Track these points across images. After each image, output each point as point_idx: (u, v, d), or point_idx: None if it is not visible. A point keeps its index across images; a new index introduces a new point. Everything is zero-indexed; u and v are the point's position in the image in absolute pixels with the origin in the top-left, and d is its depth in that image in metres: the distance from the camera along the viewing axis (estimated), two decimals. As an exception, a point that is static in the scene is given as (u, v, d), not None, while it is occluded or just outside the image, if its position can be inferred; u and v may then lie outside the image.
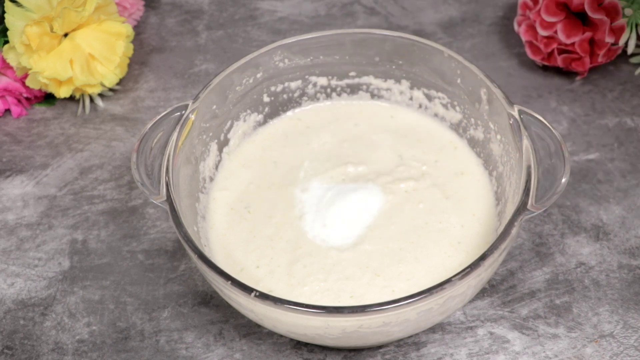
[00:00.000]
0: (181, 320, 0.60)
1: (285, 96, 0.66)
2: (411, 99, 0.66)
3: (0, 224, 0.67)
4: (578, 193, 0.66)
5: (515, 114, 0.56)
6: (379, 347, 0.58)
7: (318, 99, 0.67)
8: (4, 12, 0.70)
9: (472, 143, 0.63)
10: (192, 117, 0.58)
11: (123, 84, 0.78)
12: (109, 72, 0.73)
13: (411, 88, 0.65)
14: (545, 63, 0.75)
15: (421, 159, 0.63)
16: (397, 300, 0.47)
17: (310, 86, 0.66)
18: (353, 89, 0.67)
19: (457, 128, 0.64)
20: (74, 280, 0.63)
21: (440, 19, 0.84)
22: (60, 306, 0.61)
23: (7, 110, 0.77)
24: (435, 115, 0.65)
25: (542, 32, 0.73)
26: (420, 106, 0.66)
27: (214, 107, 0.61)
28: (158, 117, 0.57)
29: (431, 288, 0.47)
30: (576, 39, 0.72)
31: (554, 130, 0.55)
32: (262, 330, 0.59)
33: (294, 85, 0.66)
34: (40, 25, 0.68)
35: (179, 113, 0.58)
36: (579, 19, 0.73)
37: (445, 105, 0.64)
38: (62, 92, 0.72)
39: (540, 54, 0.75)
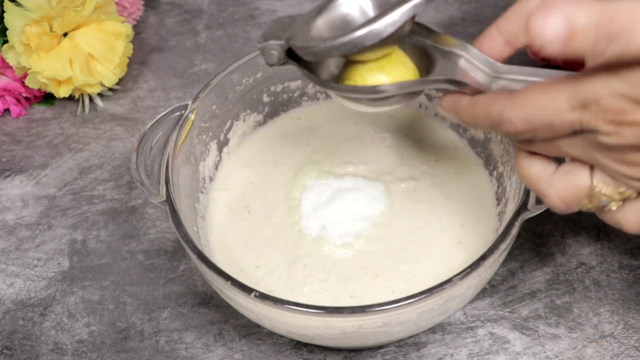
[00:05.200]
0: (181, 321, 0.60)
1: (285, 96, 0.66)
2: (411, 98, 0.66)
3: (0, 224, 0.67)
4: (578, 193, 0.66)
5: (516, 113, 0.55)
6: (379, 347, 0.58)
7: (318, 99, 0.67)
8: (3, 11, 0.70)
9: (473, 143, 0.63)
10: (192, 117, 0.58)
11: (123, 84, 0.78)
12: (109, 71, 0.73)
13: (411, 88, 0.65)
14: (546, 63, 0.75)
15: (421, 159, 0.63)
16: (397, 300, 0.47)
17: (310, 86, 0.66)
18: (353, 89, 0.67)
19: (458, 128, 0.64)
20: (73, 281, 0.63)
21: (441, 19, 0.83)
22: (60, 306, 0.61)
23: (7, 110, 0.77)
24: (436, 115, 0.65)
25: (543, 32, 0.73)
26: (420, 106, 0.66)
27: (214, 107, 0.61)
28: (158, 117, 0.57)
29: (431, 288, 0.47)
30: (577, 38, 0.71)
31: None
32: (262, 330, 0.59)
33: (294, 85, 0.65)
34: (39, 24, 0.68)
35: (178, 113, 0.58)
36: (579, 18, 0.72)
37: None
38: (62, 92, 0.72)
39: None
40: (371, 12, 0.48)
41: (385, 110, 0.49)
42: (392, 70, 0.47)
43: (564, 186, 0.43)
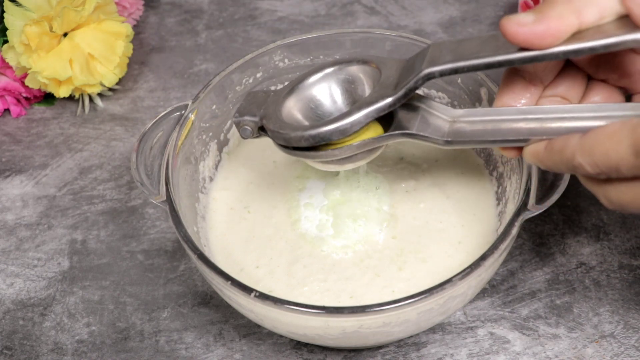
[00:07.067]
0: (181, 321, 0.60)
1: (285, 96, 0.66)
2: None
3: (0, 224, 0.67)
4: (579, 193, 0.66)
5: (516, 113, 0.55)
6: (379, 347, 0.58)
7: (318, 99, 0.67)
8: (3, 11, 0.70)
9: (473, 143, 0.63)
10: (192, 117, 0.58)
11: (122, 84, 0.78)
12: (109, 71, 0.73)
13: (411, 88, 0.65)
14: None
15: (421, 159, 0.63)
16: (397, 300, 0.47)
17: (310, 86, 0.66)
18: (353, 89, 0.67)
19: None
20: (73, 281, 0.63)
21: (441, 19, 0.83)
22: (60, 306, 0.61)
23: (7, 110, 0.77)
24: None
25: (543, 32, 0.72)
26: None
27: (214, 107, 0.61)
28: (158, 117, 0.57)
29: (431, 288, 0.47)
30: (576, 38, 0.71)
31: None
32: (262, 330, 0.59)
33: (293, 85, 0.65)
34: (39, 24, 0.68)
35: (178, 113, 0.58)
36: (579, 18, 0.72)
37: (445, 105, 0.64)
38: (62, 92, 0.72)
39: (540, 53, 0.75)
40: (338, 97, 0.54)
41: (358, 166, 0.53)
42: (355, 135, 0.50)
43: None
